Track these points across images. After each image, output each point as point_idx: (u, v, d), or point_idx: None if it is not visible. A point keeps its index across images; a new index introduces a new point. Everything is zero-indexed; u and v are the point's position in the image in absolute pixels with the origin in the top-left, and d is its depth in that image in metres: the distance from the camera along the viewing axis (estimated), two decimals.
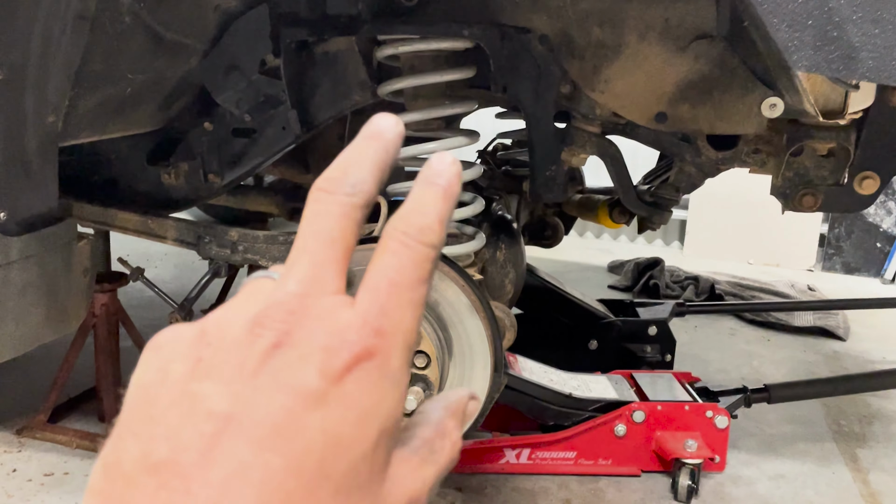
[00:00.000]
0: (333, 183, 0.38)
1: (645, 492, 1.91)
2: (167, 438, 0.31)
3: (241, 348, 0.33)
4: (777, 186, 1.70)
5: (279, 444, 0.31)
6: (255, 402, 0.32)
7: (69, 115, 1.49)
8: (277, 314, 0.34)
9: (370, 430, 0.33)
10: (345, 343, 0.34)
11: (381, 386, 0.34)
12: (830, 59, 1.04)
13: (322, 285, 0.36)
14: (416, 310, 0.36)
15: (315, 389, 0.33)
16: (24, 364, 2.34)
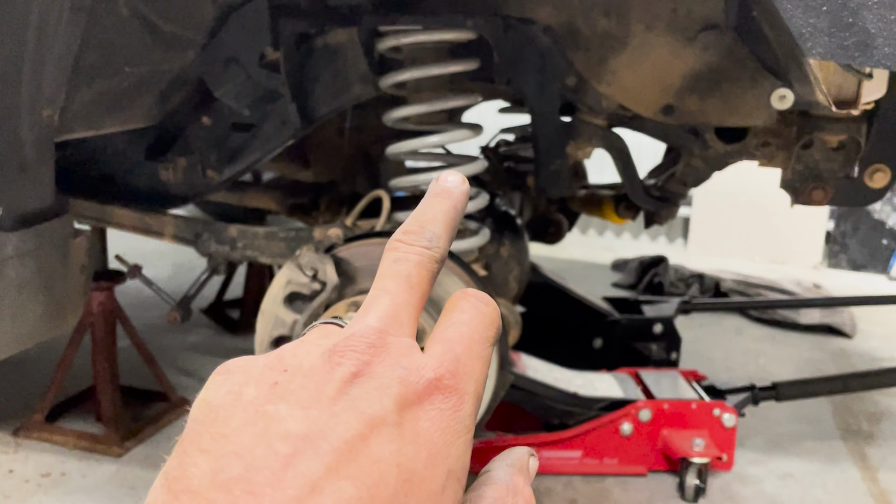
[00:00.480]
0: (412, 236, 0.40)
1: (651, 491, 1.88)
2: (240, 456, 0.31)
3: (320, 375, 0.34)
4: (786, 180, 1.67)
5: (354, 472, 0.32)
6: (332, 427, 0.32)
7: (65, 110, 1.47)
8: (358, 345, 0.35)
9: (440, 471, 0.34)
10: (422, 378, 0.35)
11: (454, 427, 0.35)
12: (845, 46, 1.01)
13: (400, 325, 0.37)
14: (484, 365, 0.38)
15: (392, 420, 0.33)
16: (22, 363, 2.31)
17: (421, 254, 0.40)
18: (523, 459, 0.41)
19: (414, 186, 1.69)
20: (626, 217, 2.12)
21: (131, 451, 1.96)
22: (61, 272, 1.57)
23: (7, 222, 1.40)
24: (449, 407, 0.35)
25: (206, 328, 2.76)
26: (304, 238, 1.69)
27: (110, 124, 1.67)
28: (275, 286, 1.54)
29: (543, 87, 1.61)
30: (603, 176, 2.44)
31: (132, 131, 1.78)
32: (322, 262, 1.48)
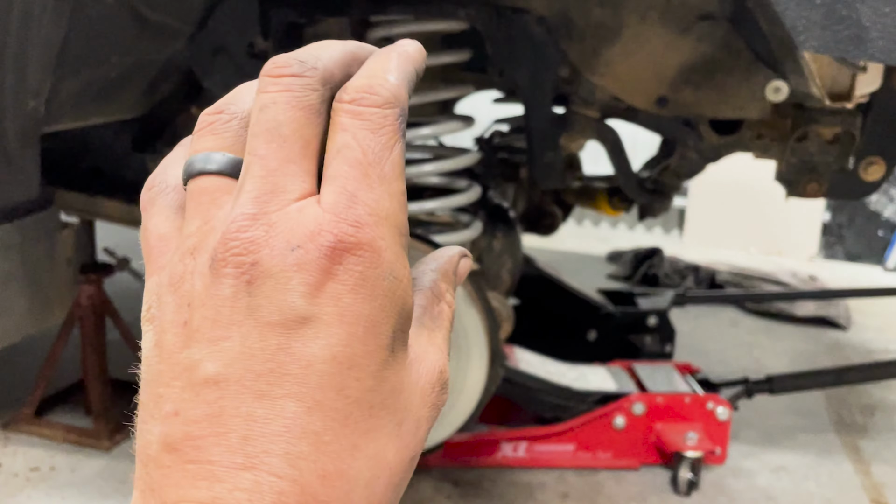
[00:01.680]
0: (281, 63, 0.32)
1: (644, 485, 1.87)
2: (177, 414, 0.29)
3: (214, 299, 0.30)
4: (781, 172, 1.66)
5: (288, 388, 0.28)
6: (245, 354, 0.29)
7: (51, 100, 1.44)
8: (236, 245, 0.30)
9: (383, 339, 0.30)
10: (321, 248, 0.29)
11: (381, 286, 0.30)
12: (839, 39, 0.99)
13: (280, 195, 0.30)
14: (392, 185, 0.31)
15: (304, 314, 0.29)
16: (10, 357, 2.30)
17: (289, 86, 0.31)
18: (451, 261, 0.38)
19: (406, 179, 1.68)
20: (620, 209, 2.10)
21: (120, 444, 1.95)
22: (47, 265, 1.56)
23: None
24: (365, 266, 0.30)
25: None
26: None
27: (97, 115, 1.65)
28: None
29: (536, 78, 1.60)
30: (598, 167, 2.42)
31: (120, 122, 1.76)
32: None
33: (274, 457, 0.28)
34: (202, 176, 0.32)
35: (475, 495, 1.79)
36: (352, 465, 0.29)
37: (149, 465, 0.30)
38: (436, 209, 1.60)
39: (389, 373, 0.30)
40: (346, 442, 0.29)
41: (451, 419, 1.49)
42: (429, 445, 1.52)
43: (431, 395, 0.33)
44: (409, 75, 0.33)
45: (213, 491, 0.28)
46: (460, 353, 1.46)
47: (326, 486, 0.28)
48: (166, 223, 0.33)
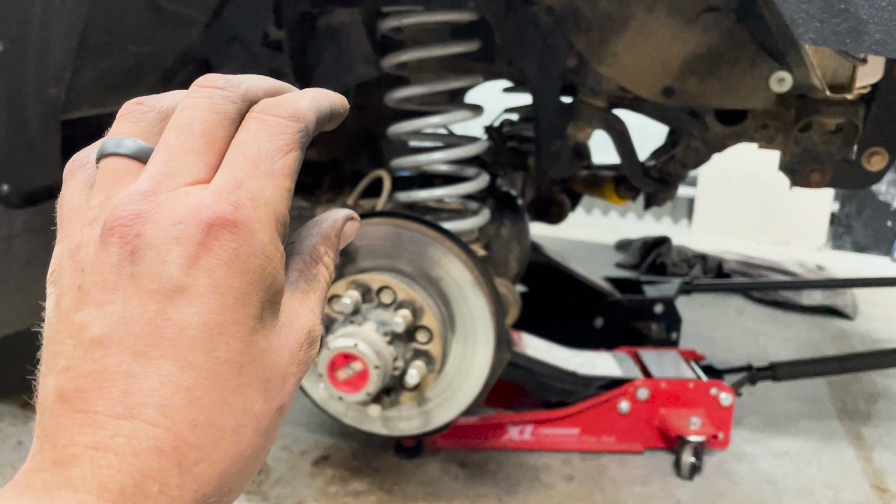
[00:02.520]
0: (210, 79, 0.37)
1: (648, 468, 1.91)
2: (69, 370, 0.33)
3: (103, 266, 0.34)
4: (785, 162, 1.68)
5: (164, 350, 0.32)
6: (126, 317, 0.33)
7: (71, 88, 1.49)
8: (124, 217, 0.33)
9: (251, 309, 0.34)
10: (200, 224, 0.33)
11: (252, 263, 0.34)
12: (837, 32, 1.02)
13: (175, 177, 0.34)
14: (278, 180, 0.35)
15: (180, 284, 0.33)
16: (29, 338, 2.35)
17: (210, 96, 0.36)
18: (334, 225, 0.41)
19: (416, 166, 1.71)
20: (627, 198, 2.13)
21: None
22: None
23: (15, 199, 1.43)
24: (238, 243, 0.33)
25: None
26: (306, 217, 1.71)
27: (115, 103, 1.69)
28: None
29: (544, 68, 1.62)
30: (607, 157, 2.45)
31: None
32: None
33: (150, 408, 0.32)
34: (112, 157, 0.36)
35: (481, 476, 1.83)
36: (220, 416, 0.33)
37: (45, 414, 0.34)
38: (444, 196, 1.63)
39: (257, 337, 0.34)
40: (216, 397, 0.33)
41: (459, 400, 1.53)
42: (437, 426, 1.56)
43: (300, 352, 0.36)
44: (320, 107, 0.38)
45: (96, 437, 0.32)
46: (467, 337, 1.50)
47: (197, 434, 0.32)
48: (79, 195, 0.37)
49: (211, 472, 0.33)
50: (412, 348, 1.44)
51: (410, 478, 1.80)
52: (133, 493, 0.31)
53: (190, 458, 0.32)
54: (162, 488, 0.32)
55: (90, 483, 0.31)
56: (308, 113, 0.37)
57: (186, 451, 0.32)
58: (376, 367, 1.32)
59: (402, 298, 1.43)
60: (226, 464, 0.33)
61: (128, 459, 0.31)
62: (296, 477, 1.79)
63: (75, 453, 0.32)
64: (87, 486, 0.31)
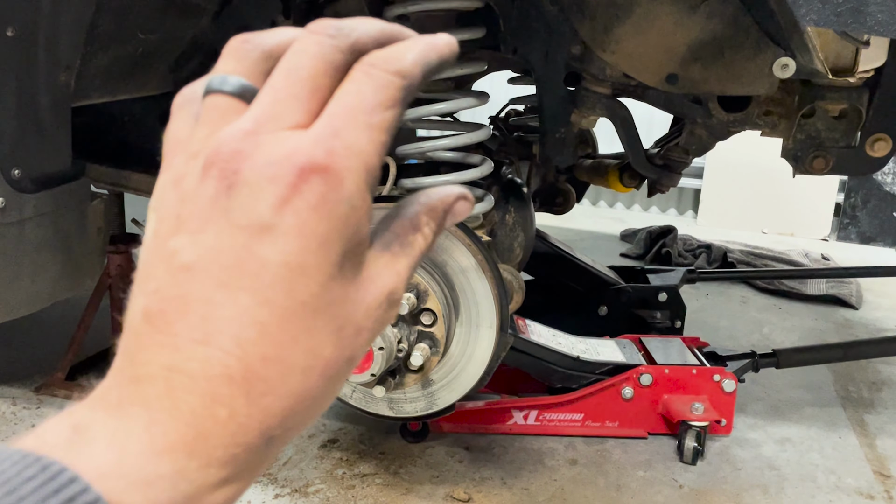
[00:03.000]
0: (322, 26, 0.37)
1: (651, 453, 1.93)
2: (157, 292, 0.34)
3: (201, 197, 0.35)
4: (788, 149, 1.69)
5: (245, 283, 0.33)
6: (215, 248, 0.34)
7: (81, 75, 1.51)
8: (225, 154, 0.34)
9: (332, 255, 0.35)
10: (294, 166, 0.34)
11: (338, 210, 0.34)
12: (839, 13, 1.03)
13: (277, 121, 0.35)
14: (374, 133, 0.36)
15: (268, 222, 0.34)
16: (43, 323, 2.38)
17: (320, 43, 0.36)
18: (444, 200, 0.41)
19: (421, 153, 1.73)
20: (631, 186, 2.14)
21: None
22: (79, 234, 1.63)
23: (26, 184, 1.45)
24: (328, 189, 0.34)
25: None
26: None
27: (125, 90, 1.71)
28: None
29: (549, 55, 1.64)
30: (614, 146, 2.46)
31: (147, 98, 1.82)
32: None
33: (225, 337, 0.33)
34: (217, 94, 0.37)
35: (486, 460, 1.85)
36: (290, 353, 0.34)
37: (130, 332, 0.35)
38: (450, 183, 1.64)
39: (335, 285, 0.35)
40: (288, 335, 0.34)
41: (462, 382, 1.55)
42: (440, 407, 1.58)
43: (377, 310, 0.37)
44: (428, 61, 0.38)
45: (173, 359, 0.33)
46: (471, 321, 1.52)
47: (266, 367, 0.34)
48: (185, 129, 0.38)
49: (276, 406, 0.34)
50: (416, 330, 1.45)
51: (416, 461, 1.83)
52: (203, 416, 0.33)
53: (258, 388, 0.33)
54: (230, 414, 0.33)
55: (163, 402, 0.33)
56: (415, 69, 0.37)
57: (255, 381, 0.33)
58: (381, 348, 1.34)
59: None
60: (291, 400, 0.34)
61: (199, 383, 0.33)
62: (303, 459, 1.81)
63: (152, 372, 0.33)
64: (160, 405, 0.33)
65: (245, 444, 0.34)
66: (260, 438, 0.34)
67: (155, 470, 0.32)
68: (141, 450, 0.32)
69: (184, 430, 0.32)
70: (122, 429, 0.32)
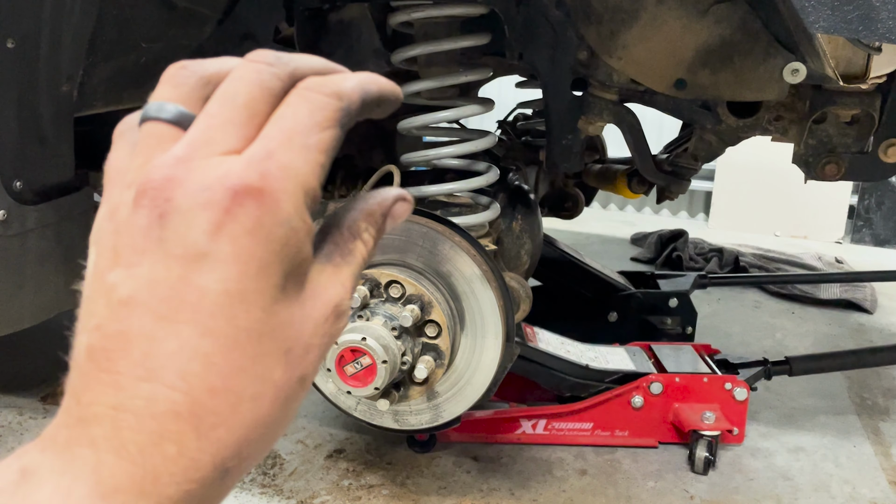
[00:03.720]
0: (261, 55, 0.37)
1: (662, 463, 1.90)
2: (98, 329, 0.34)
3: (133, 228, 0.34)
4: (799, 154, 1.66)
5: (185, 314, 0.33)
6: (152, 280, 0.33)
7: (84, 85, 1.50)
8: (156, 181, 0.34)
9: (273, 279, 0.34)
10: (227, 191, 0.33)
11: (275, 233, 0.34)
12: (849, 20, 1.00)
13: (211, 146, 0.34)
14: (311, 154, 0.35)
15: (204, 250, 0.33)
16: (48, 332, 2.38)
17: (258, 70, 0.36)
18: (381, 203, 0.40)
19: (426, 160, 1.71)
20: (639, 192, 2.12)
21: None
22: (82, 244, 1.62)
23: (28, 196, 1.45)
24: (263, 212, 0.33)
25: None
26: (319, 212, 1.72)
27: (128, 99, 1.70)
28: None
29: (555, 61, 1.62)
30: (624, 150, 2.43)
31: None
32: None
33: (169, 372, 0.32)
34: (153, 121, 0.37)
35: (494, 470, 1.83)
36: (238, 383, 0.33)
37: (75, 370, 0.34)
38: (455, 191, 1.63)
39: (279, 307, 0.34)
40: (234, 364, 0.33)
41: (468, 394, 1.53)
42: (446, 420, 1.56)
43: (325, 325, 0.36)
44: (367, 89, 0.38)
45: (117, 397, 0.32)
46: (476, 332, 1.50)
47: (214, 399, 0.33)
48: (123, 158, 0.37)
49: (229, 438, 0.33)
50: (420, 343, 1.44)
51: (423, 471, 1.81)
52: (151, 454, 0.32)
53: (207, 422, 0.33)
54: (180, 450, 0.32)
55: (110, 442, 0.32)
56: (353, 94, 0.37)
57: (204, 415, 0.33)
58: (384, 361, 1.32)
59: (411, 293, 1.43)
60: (244, 430, 0.34)
61: (146, 421, 0.32)
62: (309, 470, 1.80)
63: (98, 412, 0.32)
64: (107, 445, 0.32)
65: (199, 479, 0.33)
66: (214, 472, 0.33)
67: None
68: (87, 493, 0.31)
69: (132, 469, 0.32)
70: (70, 472, 0.32)
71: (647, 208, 4.73)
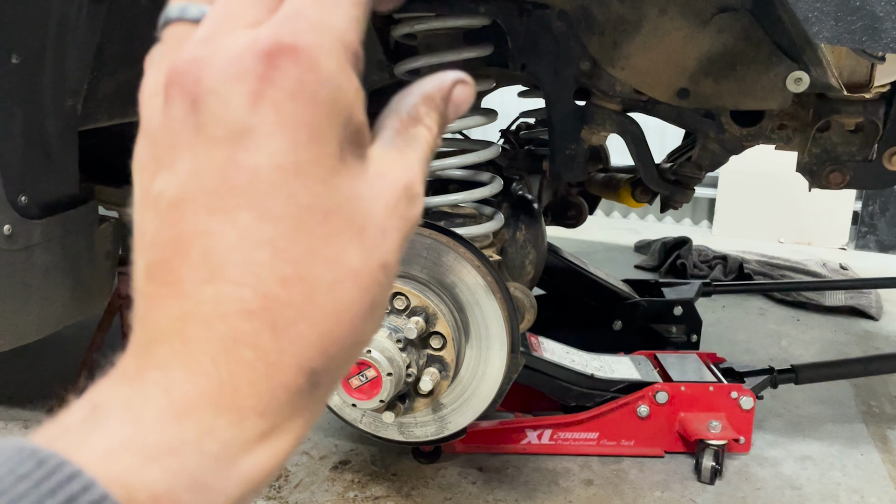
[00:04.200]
0: None
1: (668, 472, 1.89)
2: (152, 244, 0.31)
3: (168, 124, 0.31)
4: (803, 163, 1.66)
5: (238, 200, 0.29)
6: (196, 172, 0.30)
7: (89, 99, 1.50)
8: (181, 67, 0.30)
9: (328, 146, 0.30)
10: (258, 55, 0.29)
11: (321, 93, 0.30)
12: (853, 31, 1.00)
13: (232, 20, 0.31)
14: (343, 7, 0.31)
15: (246, 125, 0.29)
16: (55, 345, 2.38)
17: None
18: (441, 87, 0.36)
19: (430, 171, 1.71)
20: (643, 201, 2.12)
21: None
22: (87, 258, 1.62)
23: (33, 210, 1.45)
24: (302, 71, 0.29)
25: None
26: None
27: (133, 113, 1.71)
28: None
29: (558, 71, 1.62)
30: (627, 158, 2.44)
31: None
32: None
33: (233, 267, 0.29)
34: (176, 23, 0.34)
35: (500, 481, 1.82)
36: (311, 268, 0.30)
37: (138, 297, 0.31)
38: (458, 202, 1.63)
39: (340, 180, 0.31)
40: (303, 247, 0.29)
41: (474, 405, 1.53)
42: (451, 431, 1.56)
43: (397, 207, 0.33)
44: None
45: (182, 307, 0.29)
46: (481, 343, 1.50)
47: (287, 289, 0.29)
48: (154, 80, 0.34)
49: (310, 334, 0.29)
50: (425, 354, 1.43)
51: (429, 482, 1.80)
52: (225, 363, 0.28)
53: (284, 317, 0.29)
54: (256, 354, 0.29)
55: (179, 358, 0.29)
56: None
57: (278, 309, 0.29)
58: (389, 374, 1.32)
59: (415, 305, 1.43)
60: (327, 323, 0.30)
61: (215, 326, 0.29)
62: (315, 482, 1.79)
63: (164, 329, 0.29)
64: (176, 363, 0.29)
65: (283, 384, 0.29)
66: (300, 375, 0.29)
67: (177, 436, 0.28)
68: (158, 416, 0.28)
69: (205, 383, 0.28)
70: (139, 398, 0.29)
71: (650, 216, 4.73)
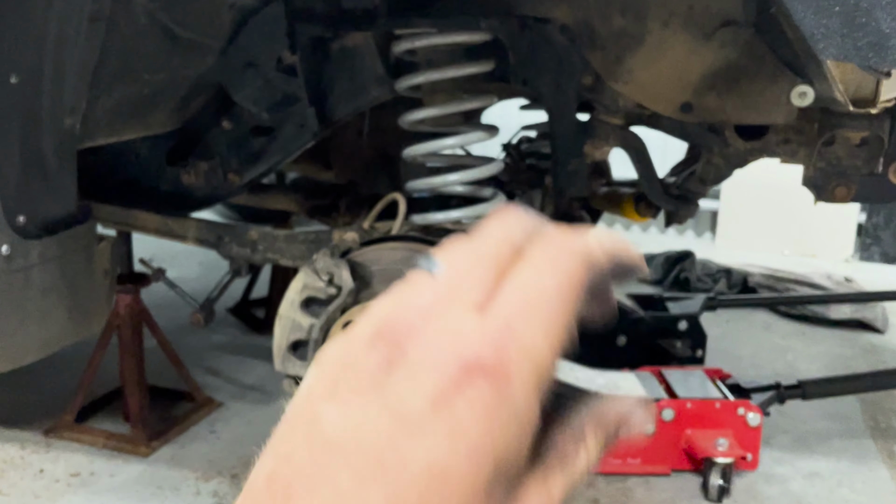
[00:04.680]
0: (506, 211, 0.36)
1: (675, 491, 1.87)
2: (288, 461, 0.31)
3: (361, 365, 0.32)
4: (809, 177, 1.65)
5: (380, 477, 0.30)
6: (361, 428, 0.31)
7: (87, 117, 1.49)
8: (398, 327, 0.32)
9: (483, 467, 0.30)
10: (461, 360, 0.31)
11: (498, 413, 0.31)
12: (859, 47, 0.99)
13: (456, 296, 0.33)
14: (552, 329, 0.33)
15: (423, 416, 0.30)
16: (51, 365, 2.36)
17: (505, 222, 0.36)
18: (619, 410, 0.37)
19: (431, 188, 1.70)
20: (647, 215, 2.10)
21: (158, 450, 2.00)
22: (86, 277, 1.61)
23: (31, 230, 1.44)
24: (491, 393, 0.30)
25: (232, 327, 2.79)
26: (324, 240, 1.70)
27: (131, 131, 1.70)
28: (291, 291, 1.55)
29: (560, 86, 1.61)
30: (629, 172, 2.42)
31: (154, 137, 1.80)
32: (337, 267, 1.49)
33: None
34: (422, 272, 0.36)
35: None
36: None
37: (249, 490, 0.32)
38: (460, 218, 1.61)
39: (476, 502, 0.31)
40: None
41: None
42: None
43: None
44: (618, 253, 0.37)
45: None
46: None
47: None
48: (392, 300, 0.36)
49: None
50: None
51: None
52: None
53: None
54: None
55: None
56: (600, 255, 0.35)
57: None
58: None
59: None
60: None
61: None
62: None
63: None
64: None
65: None
66: None
67: None
68: None
69: None
70: None
71: (653, 228, 4.71)
